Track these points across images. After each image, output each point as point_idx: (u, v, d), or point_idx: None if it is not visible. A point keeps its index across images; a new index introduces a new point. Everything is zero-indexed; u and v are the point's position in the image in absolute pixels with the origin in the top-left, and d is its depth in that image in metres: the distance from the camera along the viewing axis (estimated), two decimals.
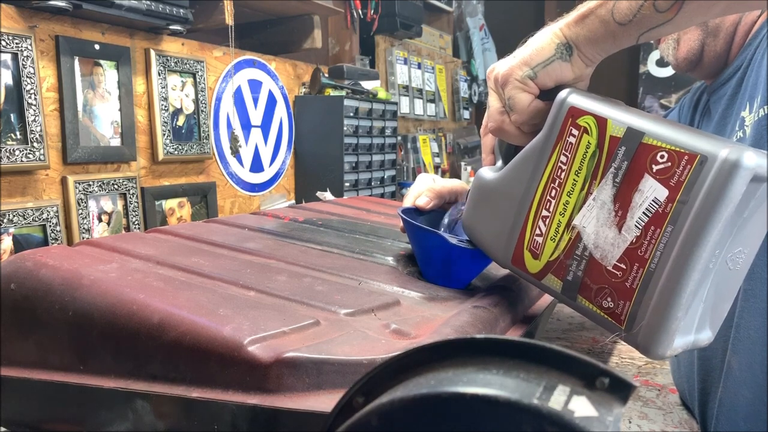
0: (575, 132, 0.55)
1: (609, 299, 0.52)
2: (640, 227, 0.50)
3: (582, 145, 0.54)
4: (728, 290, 0.53)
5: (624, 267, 0.51)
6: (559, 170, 0.56)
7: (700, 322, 0.51)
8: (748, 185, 0.45)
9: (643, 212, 0.50)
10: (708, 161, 0.46)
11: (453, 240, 0.67)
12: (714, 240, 0.46)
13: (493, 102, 0.61)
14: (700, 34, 0.79)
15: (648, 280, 0.49)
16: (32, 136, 1.35)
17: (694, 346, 0.52)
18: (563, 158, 0.56)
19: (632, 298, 0.50)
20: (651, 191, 0.49)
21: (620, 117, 0.52)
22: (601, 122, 0.53)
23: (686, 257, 0.47)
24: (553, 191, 0.57)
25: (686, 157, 0.47)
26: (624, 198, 0.51)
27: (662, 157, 0.49)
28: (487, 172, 0.64)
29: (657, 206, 0.49)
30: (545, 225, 0.57)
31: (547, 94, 0.58)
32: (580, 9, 0.55)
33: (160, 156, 1.68)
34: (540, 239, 0.58)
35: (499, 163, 0.66)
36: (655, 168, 0.49)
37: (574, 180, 0.55)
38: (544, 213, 0.57)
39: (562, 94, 0.56)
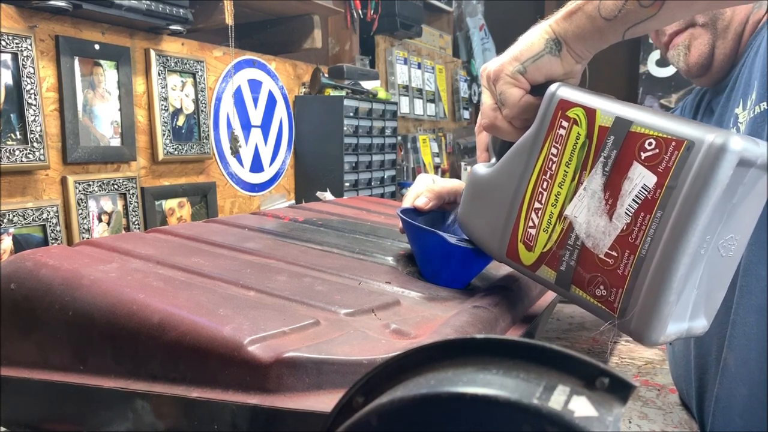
0: (565, 124, 0.56)
1: (602, 287, 0.52)
2: (630, 214, 0.50)
3: (572, 136, 0.55)
4: (722, 278, 0.53)
5: (615, 255, 0.51)
6: (551, 162, 0.57)
7: (693, 309, 0.52)
8: (735, 169, 0.46)
9: (633, 199, 0.50)
10: (695, 146, 0.47)
11: (452, 239, 0.67)
12: (703, 224, 0.46)
13: (486, 99, 0.63)
14: (710, 38, 0.78)
15: (639, 267, 0.49)
16: (32, 136, 1.35)
17: (689, 334, 0.52)
18: (554, 150, 0.56)
19: (624, 285, 0.50)
20: (640, 178, 0.50)
21: (609, 107, 0.53)
22: (590, 113, 0.54)
23: (676, 242, 0.47)
24: (545, 183, 0.57)
25: (673, 143, 0.48)
26: (614, 186, 0.51)
27: (650, 144, 0.49)
28: (481, 168, 0.65)
29: (646, 193, 0.49)
30: (538, 217, 0.58)
31: (538, 90, 0.59)
32: (569, 6, 0.57)
33: (160, 156, 1.68)
34: (533, 231, 0.58)
35: (493, 160, 0.66)
36: (643, 155, 0.50)
37: (564, 171, 0.56)
38: (537, 205, 0.58)
39: (552, 87, 0.57)
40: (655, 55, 3.53)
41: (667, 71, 3.52)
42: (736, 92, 0.75)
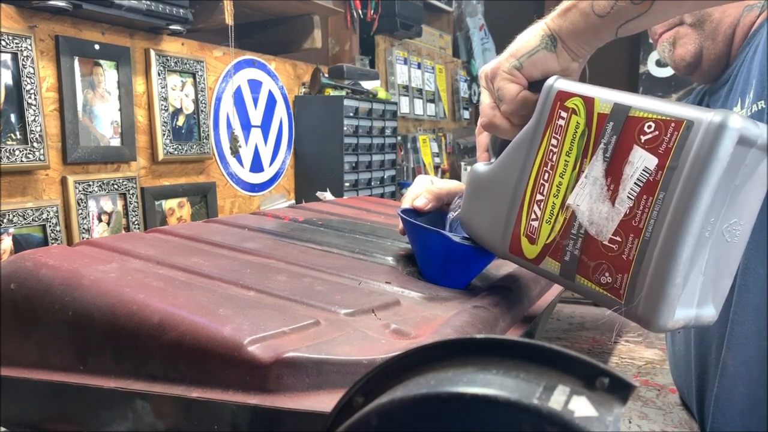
0: (564, 114, 0.56)
1: (607, 274, 0.52)
2: (633, 198, 0.50)
3: (571, 126, 0.55)
4: (728, 264, 0.53)
5: (619, 240, 0.51)
6: (551, 153, 0.57)
7: (701, 296, 0.51)
8: (736, 148, 0.46)
9: (635, 183, 0.50)
10: (694, 125, 0.47)
11: (456, 238, 0.67)
12: (706, 203, 0.46)
13: (485, 98, 0.64)
14: (697, 39, 0.79)
15: (644, 250, 0.49)
16: (32, 136, 1.35)
17: (697, 322, 0.52)
18: (554, 141, 0.57)
19: (629, 270, 0.50)
20: (641, 161, 0.50)
21: (606, 95, 0.53)
22: (589, 102, 0.54)
23: (680, 222, 0.47)
24: (546, 174, 0.57)
25: (673, 124, 0.48)
26: (615, 171, 0.52)
27: (649, 127, 0.49)
28: (481, 166, 0.65)
29: (648, 175, 0.49)
30: (540, 209, 0.58)
31: (536, 86, 0.60)
32: (565, 3, 0.58)
33: (160, 156, 1.68)
34: (536, 224, 0.58)
35: (493, 159, 0.66)
36: (643, 138, 0.50)
37: (565, 161, 0.56)
38: (539, 197, 0.58)
39: (550, 80, 0.58)
40: (655, 55, 3.53)
41: (667, 71, 3.52)
42: (735, 91, 0.75)
